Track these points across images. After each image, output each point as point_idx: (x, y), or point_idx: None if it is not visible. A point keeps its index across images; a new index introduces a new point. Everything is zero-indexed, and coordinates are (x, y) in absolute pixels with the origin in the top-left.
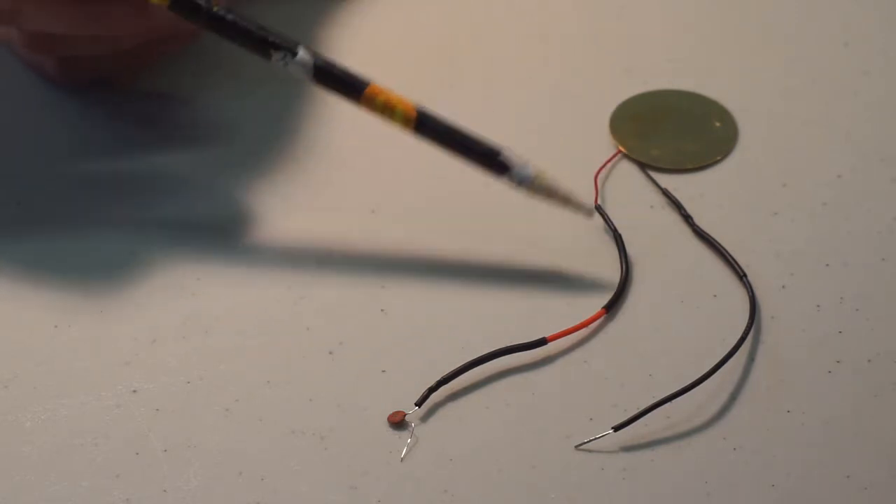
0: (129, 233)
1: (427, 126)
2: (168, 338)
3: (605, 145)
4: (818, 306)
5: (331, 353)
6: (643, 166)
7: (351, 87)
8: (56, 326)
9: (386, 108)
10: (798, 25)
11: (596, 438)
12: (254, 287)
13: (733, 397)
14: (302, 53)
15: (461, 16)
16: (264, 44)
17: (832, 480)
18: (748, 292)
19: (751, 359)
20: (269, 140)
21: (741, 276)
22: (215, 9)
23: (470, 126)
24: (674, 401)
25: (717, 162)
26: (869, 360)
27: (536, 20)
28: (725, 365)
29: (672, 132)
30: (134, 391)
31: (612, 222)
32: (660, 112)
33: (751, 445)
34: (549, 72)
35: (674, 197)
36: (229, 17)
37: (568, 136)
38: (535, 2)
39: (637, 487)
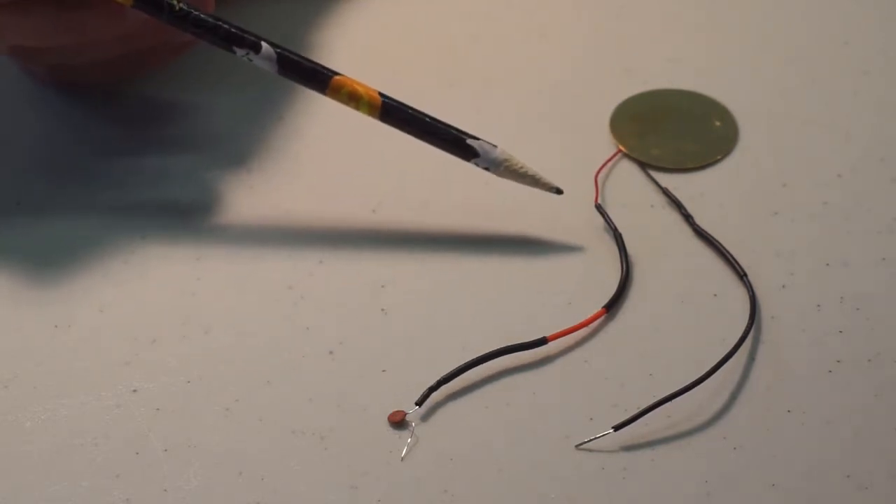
0: (130, 233)
1: (392, 114)
2: (168, 337)
3: (605, 145)
4: (818, 306)
5: (331, 353)
6: (643, 166)
7: (316, 78)
8: (56, 326)
9: (351, 98)
10: (798, 25)
11: (596, 438)
12: (254, 287)
13: (733, 397)
14: (265, 48)
15: (461, 15)
16: (228, 40)
17: (832, 480)
18: (748, 292)
19: (751, 358)
20: (269, 140)
21: (741, 275)
22: (178, 7)
23: (471, 126)
24: (674, 400)
25: (717, 161)
26: (869, 360)
27: (536, 19)
28: (726, 364)
29: (672, 131)
30: (134, 391)
31: (612, 222)
32: (660, 111)
33: (751, 445)
34: (549, 71)
35: (674, 196)
36: (192, 14)
37: (568, 136)
38: (534, 1)
39: (637, 487)
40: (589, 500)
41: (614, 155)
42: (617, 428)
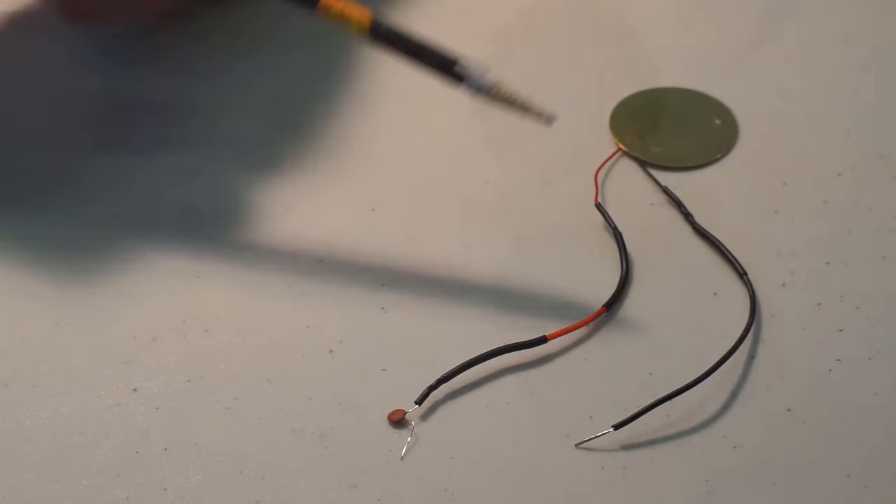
0: (130, 231)
1: (381, 34)
2: (168, 336)
3: (605, 143)
4: (818, 304)
5: (331, 351)
6: (643, 164)
7: None
8: (56, 325)
9: (342, 17)
10: (798, 24)
11: (596, 437)
12: (254, 286)
13: (734, 395)
14: None
15: (460, 14)
16: None
17: (832, 479)
18: (748, 290)
19: (751, 357)
20: (269, 139)
21: (741, 274)
22: None
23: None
24: (674, 399)
25: (717, 160)
26: (869, 359)
27: (536, 18)
28: (726, 363)
29: (672, 130)
30: (134, 390)
31: (612, 220)
32: (660, 110)
33: (751, 444)
34: (548, 70)
35: (674, 195)
36: None
37: (568, 134)
38: (534, 1)
39: (637, 486)
40: (589, 498)
41: (614, 153)
42: (617, 427)
